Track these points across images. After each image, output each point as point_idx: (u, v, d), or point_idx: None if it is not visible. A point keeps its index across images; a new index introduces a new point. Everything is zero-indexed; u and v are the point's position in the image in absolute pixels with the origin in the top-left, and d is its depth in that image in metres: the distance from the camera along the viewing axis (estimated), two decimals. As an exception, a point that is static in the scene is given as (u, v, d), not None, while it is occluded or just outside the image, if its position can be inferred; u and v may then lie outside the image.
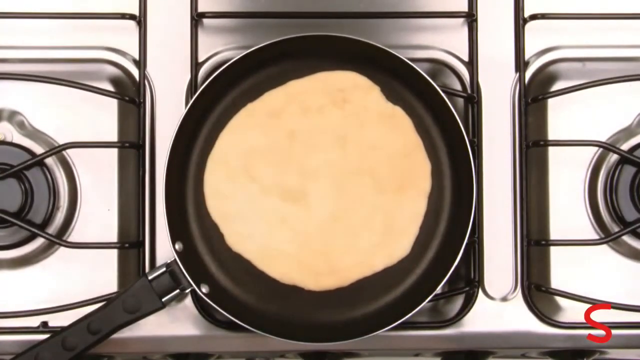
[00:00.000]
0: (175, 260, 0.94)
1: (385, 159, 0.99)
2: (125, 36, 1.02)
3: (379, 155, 0.99)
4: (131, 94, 1.01)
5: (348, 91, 0.99)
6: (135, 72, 1.02)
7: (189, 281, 0.93)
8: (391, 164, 0.99)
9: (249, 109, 1.00)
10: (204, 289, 0.95)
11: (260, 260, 0.99)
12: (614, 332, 0.99)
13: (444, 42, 1.03)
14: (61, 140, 1.01)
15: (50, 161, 1.01)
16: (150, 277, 0.93)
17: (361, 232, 0.98)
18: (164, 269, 0.94)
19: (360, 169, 0.99)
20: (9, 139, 1.02)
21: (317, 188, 0.99)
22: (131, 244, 1.00)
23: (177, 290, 0.94)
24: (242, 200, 0.99)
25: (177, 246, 0.95)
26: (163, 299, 0.93)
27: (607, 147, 1.00)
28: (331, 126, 0.99)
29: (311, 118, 0.99)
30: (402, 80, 0.99)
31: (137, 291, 0.93)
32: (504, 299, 1.01)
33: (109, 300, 0.94)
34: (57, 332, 0.93)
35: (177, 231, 0.96)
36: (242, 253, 0.99)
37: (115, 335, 0.94)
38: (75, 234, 1.02)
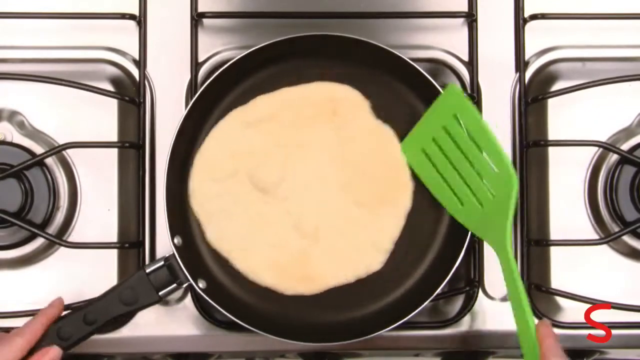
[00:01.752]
0: (173, 254, 0.94)
1: (367, 174, 0.98)
2: (125, 36, 1.02)
3: (362, 169, 0.98)
4: (131, 94, 1.01)
5: (338, 103, 0.98)
6: (135, 72, 1.02)
7: (186, 275, 0.93)
8: (373, 179, 0.98)
9: (239, 112, 0.99)
10: (201, 284, 0.95)
11: (238, 260, 0.98)
12: (614, 332, 0.99)
13: (444, 42, 1.03)
14: (61, 140, 1.01)
15: (50, 161, 1.01)
16: (148, 270, 0.93)
17: (337, 243, 0.98)
18: (162, 262, 0.94)
19: (343, 181, 0.98)
20: (9, 139, 1.02)
21: (299, 195, 0.98)
22: (131, 244, 1.00)
23: (174, 284, 0.93)
24: (224, 201, 0.97)
25: (175, 240, 0.95)
26: (160, 292, 0.93)
27: (607, 147, 1.00)
28: (318, 136, 0.98)
29: (299, 126, 0.98)
30: (402, 81, 0.99)
31: (135, 283, 0.92)
32: (504, 299, 1.00)
33: (106, 291, 0.93)
34: (53, 322, 0.92)
35: (177, 226, 0.96)
36: (221, 251, 0.98)
37: (115, 335, 0.94)
38: (75, 234, 1.02)
